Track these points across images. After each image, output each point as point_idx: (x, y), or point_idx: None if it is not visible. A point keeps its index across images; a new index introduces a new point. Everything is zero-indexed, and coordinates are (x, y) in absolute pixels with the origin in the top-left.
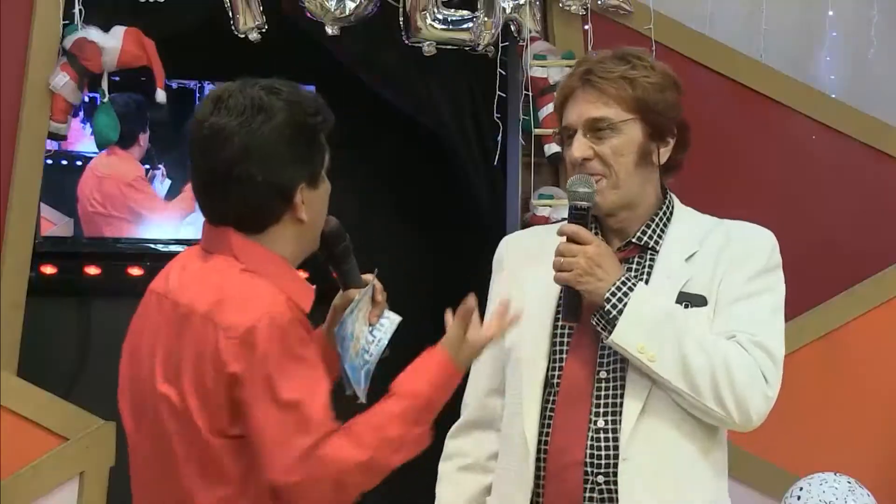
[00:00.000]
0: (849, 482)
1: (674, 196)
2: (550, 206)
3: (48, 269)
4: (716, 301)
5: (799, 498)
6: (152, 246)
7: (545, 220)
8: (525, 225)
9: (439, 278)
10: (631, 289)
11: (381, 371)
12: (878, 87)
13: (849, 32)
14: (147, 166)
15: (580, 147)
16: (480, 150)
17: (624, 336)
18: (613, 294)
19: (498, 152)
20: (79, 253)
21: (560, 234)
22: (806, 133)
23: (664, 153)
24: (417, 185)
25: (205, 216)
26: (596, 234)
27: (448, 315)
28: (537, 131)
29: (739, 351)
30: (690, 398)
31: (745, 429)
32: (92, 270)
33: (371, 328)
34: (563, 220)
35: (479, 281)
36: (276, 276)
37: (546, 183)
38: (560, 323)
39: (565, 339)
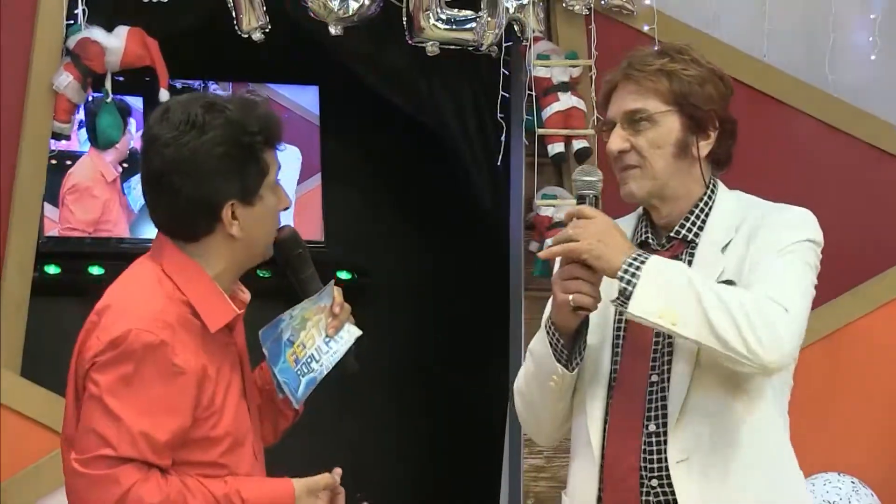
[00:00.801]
0: (852, 482)
1: (719, 183)
2: (554, 206)
3: (51, 269)
4: (747, 272)
5: None
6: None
7: (548, 221)
8: (528, 225)
9: (442, 278)
10: (644, 261)
11: (385, 370)
12: (880, 87)
13: (852, 33)
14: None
15: (616, 140)
16: (483, 150)
17: (642, 305)
18: (626, 271)
19: (501, 152)
20: (82, 253)
21: (566, 217)
22: (810, 133)
23: (704, 146)
24: (420, 185)
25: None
26: (646, 231)
27: None
28: (540, 131)
29: (755, 296)
30: (722, 352)
31: (783, 366)
32: (95, 270)
33: (328, 339)
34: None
35: (481, 280)
36: (192, 290)
37: (549, 183)
38: (616, 325)
39: (620, 342)
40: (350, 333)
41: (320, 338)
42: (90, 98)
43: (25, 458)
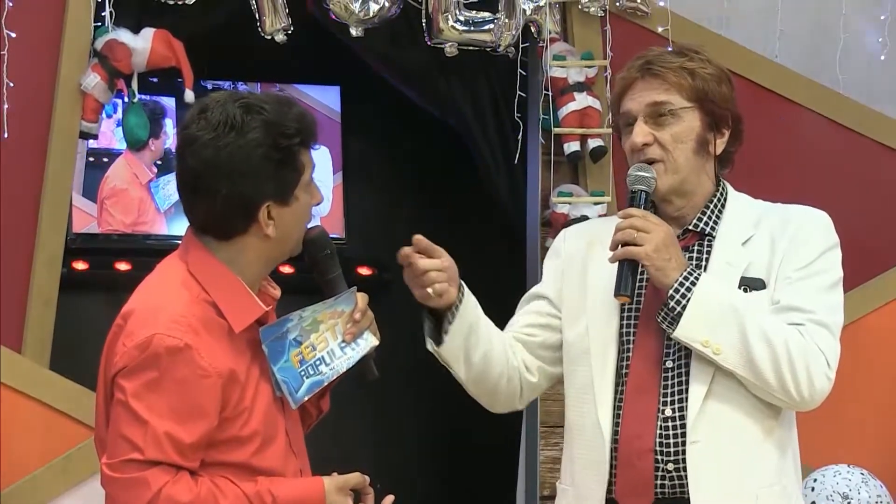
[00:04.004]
0: (862, 473)
1: (727, 183)
2: (570, 204)
3: (80, 265)
4: (775, 280)
5: (813, 489)
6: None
7: (564, 217)
8: (545, 222)
9: (460, 273)
10: (694, 283)
11: (396, 373)
12: (890, 85)
13: (861, 33)
14: (157, 167)
15: (641, 133)
16: (501, 148)
17: (688, 331)
18: (677, 290)
19: (518, 151)
20: (110, 249)
21: (627, 215)
22: (820, 131)
23: (720, 144)
24: (439, 183)
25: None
26: None
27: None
28: (557, 130)
29: (799, 338)
30: (755, 386)
31: (808, 409)
32: (122, 266)
33: (344, 344)
34: (584, 217)
35: (498, 276)
36: (217, 290)
37: (565, 181)
38: (626, 314)
39: (632, 330)
40: (367, 341)
41: (335, 342)
42: (125, 98)
43: (55, 448)
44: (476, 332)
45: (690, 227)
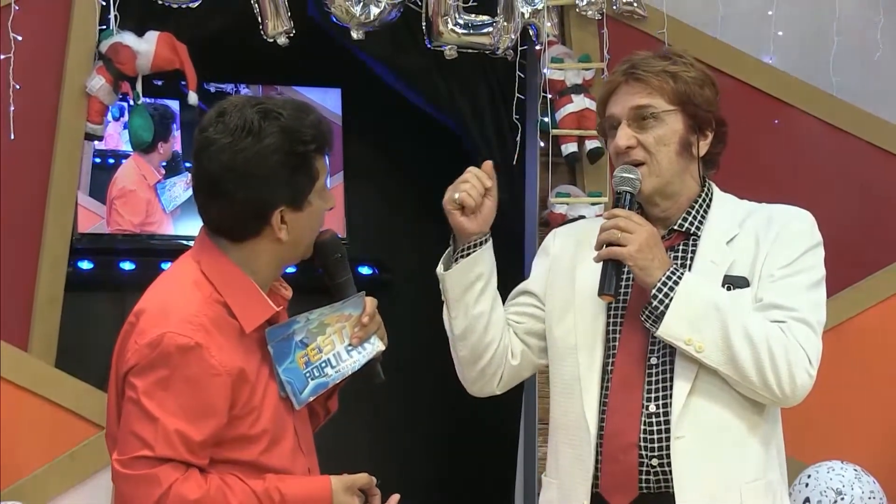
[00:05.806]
0: (855, 469)
1: (713, 184)
2: (567, 204)
3: (85, 265)
4: (759, 279)
5: (807, 485)
6: (185, 242)
7: (562, 218)
8: (543, 222)
9: None
10: (677, 282)
11: (401, 378)
12: (883, 88)
13: (855, 36)
14: (165, 169)
15: (624, 136)
16: (500, 149)
17: (671, 330)
18: (660, 290)
19: (516, 152)
20: (114, 249)
21: (611, 216)
22: (814, 133)
23: (703, 146)
24: (439, 183)
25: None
26: None
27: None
28: (555, 132)
29: (781, 335)
30: (738, 383)
31: (790, 405)
32: (127, 266)
33: (351, 348)
34: (582, 217)
35: (498, 275)
36: (229, 291)
37: (563, 182)
38: (612, 312)
39: (618, 328)
40: (374, 346)
41: (341, 345)
42: (130, 101)
43: (61, 445)
44: (485, 286)
45: (676, 227)
